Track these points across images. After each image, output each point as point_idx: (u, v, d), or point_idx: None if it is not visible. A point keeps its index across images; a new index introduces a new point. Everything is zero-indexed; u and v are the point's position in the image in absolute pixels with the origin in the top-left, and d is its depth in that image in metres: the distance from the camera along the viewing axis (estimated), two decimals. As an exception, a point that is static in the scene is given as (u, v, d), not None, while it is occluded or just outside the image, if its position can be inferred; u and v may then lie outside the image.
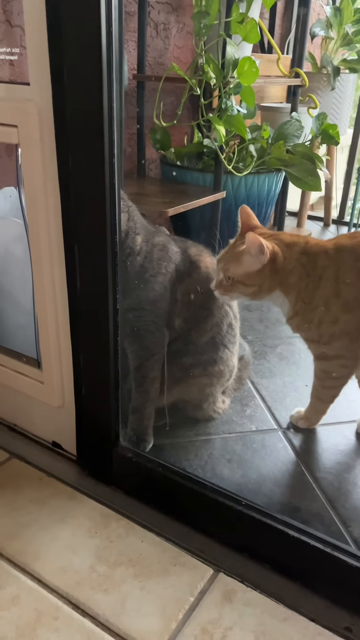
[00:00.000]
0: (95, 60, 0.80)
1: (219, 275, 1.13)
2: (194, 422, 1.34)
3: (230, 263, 1.11)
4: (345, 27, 2.26)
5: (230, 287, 1.12)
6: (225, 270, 1.11)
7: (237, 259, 1.10)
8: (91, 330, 1.01)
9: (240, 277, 1.10)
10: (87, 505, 1.05)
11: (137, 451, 1.08)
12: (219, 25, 1.56)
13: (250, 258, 1.08)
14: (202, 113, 1.68)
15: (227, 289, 1.13)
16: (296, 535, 0.89)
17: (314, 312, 1.14)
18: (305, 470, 1.21)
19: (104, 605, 0.85)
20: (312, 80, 2.25)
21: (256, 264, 1.08)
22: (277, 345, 1.74)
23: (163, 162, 2.01)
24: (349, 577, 0.86)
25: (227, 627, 0.82)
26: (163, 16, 1.98)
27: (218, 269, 1.13)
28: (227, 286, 1.13)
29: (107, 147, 0.85)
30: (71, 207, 0.93)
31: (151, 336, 1.20)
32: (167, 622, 0.83)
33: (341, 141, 2.19)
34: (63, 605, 0.85)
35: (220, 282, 1.13)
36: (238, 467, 1.21)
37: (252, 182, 1.88)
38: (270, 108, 2.29)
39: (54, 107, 0.87)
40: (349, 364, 1.22)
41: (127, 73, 1.82)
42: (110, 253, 0.92)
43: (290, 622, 0.84)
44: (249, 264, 1.09)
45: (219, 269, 1.13)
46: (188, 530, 1.01)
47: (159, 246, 1.22)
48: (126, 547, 0.95)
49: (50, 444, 1.21)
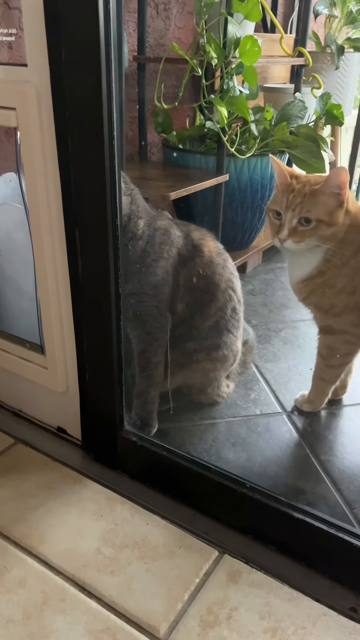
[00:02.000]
0: (93, 41, 0.78)
1: (292, 223, 1.08)
2: (199, 406, 1.35)
3: (310, 203, 1.06)
4: (349, 5, 2.22)
5: (311, 230, 1.08)
6: (306, 212, 1.06)
7: (318, 198, 1.06)
8: (93, 316, 1.01)
9: (324, 215, 1.07)
10: (92, 489, 1.05)
11: (141, 435, 1.09)
12: (219, 4, 1.53)
13: (334, 192, 1.06)
14: (204, 94, 1.66)
15: (306, 234, 1.08)
16: (300, 517, 0.89)
17: (339, 278, 1.13)
18: (309, 453, 1.21)
19: (110, 587, 0.86)
20: (316, 60, 2.21)
21: (339, 198, 1.06)
22: (282, 329, 1.73)
23: (165, 145, 1.99)
24: (354, 558, 0.86)
25: (233, 608, 0.83)
26: (163, -4, 1.94)
27: (289, 218, 1.08)
28: (306, 231, 1.08)
29: (107, 130, 0.84)
30: (71, 191, 0.92)
31: (154, 321, 1.20)
32: (173, 602, 0.83)
33: (346, 122, 2.15)
34: (69, 587, 0.86)
35: (295, 230, 1.08)
36: (243, 450, 1.22)
37: (255, 165, 1.86)
38: (274, 89, 2.25)
39: (52, 89, 0.86)
40: (355, 340, 1.21)
41: (127, 55, 1.79)
42: (112, 237, 0.92)
43: (296, 602, 0.85)
44: (332, 199, 1.06)
45: (291, 216, 1.08)
46: (193, 513, 1.01)
47: (161, 230, 1.21)
48: (131, 529, 0.96)
49: (55, 429, 1.21)
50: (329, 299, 1.17)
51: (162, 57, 1.69)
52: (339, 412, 1.35)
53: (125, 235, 1.15)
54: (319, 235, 1.08)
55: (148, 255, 1.17)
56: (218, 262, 1.27)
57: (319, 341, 1.26)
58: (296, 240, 1.09)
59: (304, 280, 1.18)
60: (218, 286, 1.26)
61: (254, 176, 1.88)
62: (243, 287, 2.03)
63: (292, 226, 1.09)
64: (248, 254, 2.06)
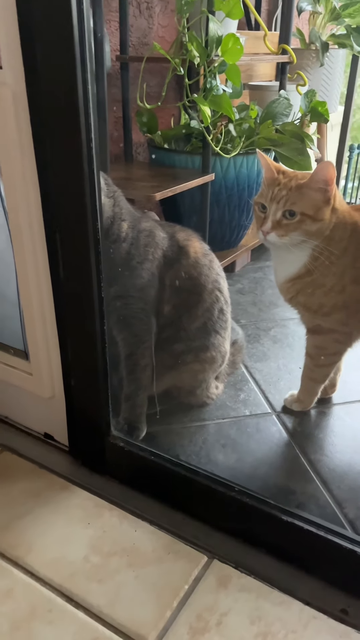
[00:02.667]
0: (68, 43, 0.77)
1: (276, 216, 1.07)
2: (188, 408, 1.34)
3: (295, 196, 1.05)
4: (332, 1, 2.21)
5: (296, 224, 1.06)
6: (291, 204, 1.05)
7: (304, 191, 1.05)
8: (76, 320, 1.00)
9: (309, 209, 1.05)
10: (80, 496, 1.04)
11: (129, 440, 1.08)
12: (200, 2, 1.51)
13: (320, 188, 1.05)
14: (187, 93, 1.64)
15: (290, 227, 1.06)
16: (289, 520, 0.89)
17: (328, 277, 1.12)
18: (299, 453, 1.20)
19: (98, 596, 0.85)
20: (301, 57, 2.20)
21: (325, 194, 1.05)
22: (271, 328, 1.73)
23: (150, 145, 1.98)
24: (343, 559, 0.86)
25: (223, 613, 0.82)
26: (146, -6, 1.93)
27: (273, 210, 1.07)
28: (290, 224, 1.06)
29: (84, 132, 0.83)
30: (51, 194, 0.91)
31: (140, 323, 1.18)
32: (162, 610, 0.82)
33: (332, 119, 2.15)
34: (57, 597, 0.84)
35: (279, 223, 1.07)
36: (233, 451, 1.21)
37: (242, 163, 1.85)
38: (258, 87, 2.24)
39: (28, 92, 0.85)
40: (343, 339, 1.21)
41: (110, 54, 1.78)
42: (93, 240, 0.90)
43: (286, 605, 0.84)
44: (318, 194, 1.05)
45: (275, 209, 1.06)
46: (182, 517, 1.00)
47: (146, 232, 1.20)
48: (120, 536, 0.95)
49: (42, 436, 1.20)
50: (318, 298, 1.16)
51: (145, 56, 1.68)
52: (329, 411, 1.35)
53: (109, 238, 1.14)
54: (303, 230, 1.07)
55: (133, 257, 1.16)
56: (204, 263, 1.26)
57: (307, 341, 1.25)
58: (280, 234, 1.07)
59: (291, 280, 1.17)
60: (205, 287, 1.25)
61: (241, 175, 1.87)
62: (232, 286, 2.03)
63: (276, 219, 1.07)
64: (237, 253, 2.05)
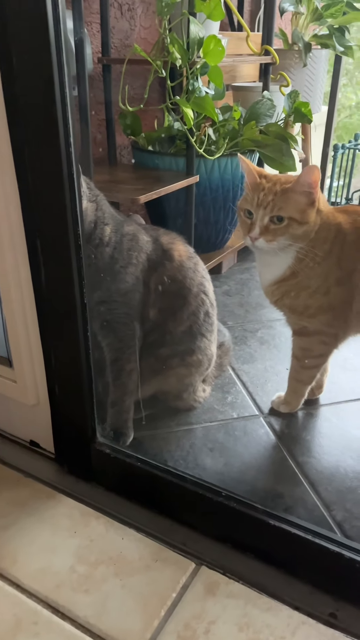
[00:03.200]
0: (43, 46, 0.76)
1: (263, 221, 1.07)
2: (175, 412, 1.33)
3: (282, 201, 1.05)
4: (314, 1, 2.21)
5: (283, 229, 1.06)
6: (278, 210, 1.05)
7: (290, 196, 1.05)
8: (59, 327, 0.99)
9: (296, 213, 1.06)
10: (66, 504, 1.03)
11: (115, 447, 1.06)
12: (181, 4, 1.51)
13: (305, 191, 1.05)
14: (170, 95, 1.64)
15: (278, 232, 1.07)
16: (277, 524, 0.88)
17: (313, 278, 1.12)
18: (287, 455, 1.20)
19: (84, 607, 0.83)
20: (284, 58, 2.20)
21: (310, 197, 1.06)
22: (258, 329, 1.73)
23: (134, 147, 1.97)
24: (331, 562, 0.85)
25: (210, 621, 0.82)
26: (127, -4, 1.92)
27: (260, 216, 1.07)
28: (278, 229, 1.07)
29: (63, 137, 0.81)
30: (31, 201, 0.90)
31: (125, 328, 1.17)
32: (149, 619, 0.82)
33: (316, 119, 2.15)
34: (43, 609, 0.83)
35: (267, 228, 1.07)
36: (220, 455, 1.20)
37: (226, 165, 1.85)
38: (242, 88, 2.24)
39: (4, 97, 0.83)
40: (329, 340, 1.21)
41: (91, 56, 1.76)
42: (74, 246, 0.89)
43: (274, 611, 0.84)
44: (303, 197, 1.06)
45: (263, 214, 1.07)
46: (170, 523, 0.99)
47: (129, 236, 1.19)
48: (107, 545, 0.94)
49: (27, 443, 1.19)
50: (303, 300, 1.16)
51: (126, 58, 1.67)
52: (316, 412, 1.34)
53: (91, 243, 1.12)
54: (290, 234, 1.07)
55: (116, 262, 1.15)
56: (189, 266, 1.26)
57: (293, 343, 1.25)
58: (268, 239, 1.08)
59: (276, 282, 1.17)
60: (190, 290, 1.25)
61: (225, 176, 1.87)
62: (219, 287, 2.02)
63: (263, 224, 1.07)
64: (223, 254, 2.05)
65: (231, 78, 2.34)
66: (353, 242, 1.12)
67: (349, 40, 2.29)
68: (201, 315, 1.27)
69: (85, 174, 1.14)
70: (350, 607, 0.84)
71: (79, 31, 1.46)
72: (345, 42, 2.26)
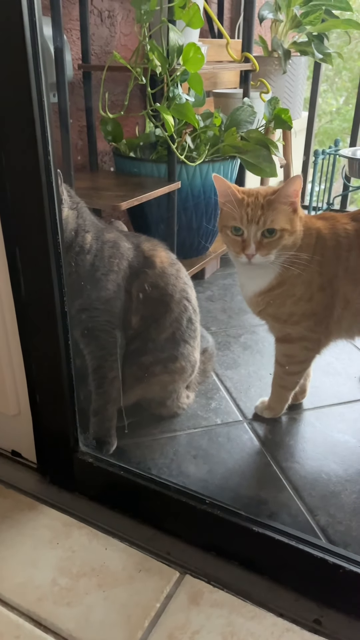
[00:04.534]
0: (18, 49, 0.75)
1: (257, 237, 1.07)
2: (159, 419, 1.32)
3: (272, 214, 1.05)
4: (293, 9, 2.24)
5: (276, 241, 1.07)
6: (271, 223, 1.05)
7: (277, 207, 1.06)
8: (40, 336, 0.98)
9: (286, 223, 1.07)
10: (48, 515, 1.01)
11: (98, 456, 1.06)
12: (160, 11, 1.51)
13: (289, 200, 1.06)
14: (150, 102, 1.64)
15: (272, 245, 1.07)
16: (261, 531, 0.88)
17: (297, 286, 1.13)
18: (271, 461, 1.20)
19: (67, 620, 0.82)
20: (263, 64, 2.22)
21: (293, 205, 1.07)
22: (241, 334, 1.73)
23: (116, 154, 1.96)
24: (315, 569, 0.85)
25: (195, 631, 0.81)
26: (107, 3, 1.92)
27: (253, 232, 1.06)
28: (271, 242, 1.07)
29: (41, 144, 0.81)
30: (9, 209, 0.89)
31: (107, 336, 1.17)
32: (133, 631, 0.81)
33: (296, 125, 2.17)
34: (24, 622, 0.82)
35: (260, 243, 1.07)
36: (204, 462, 1.20)
37: (207, 171, 1.85)
38: (223, 94, 2.25)
39: (-19, 104, 0.83)
40: (312, 346, 1.21)
41: (71, 63, 1.76)
42: (53, 255, 0.89)
43: (259, 619, 0.83)
44: (287, 207, 1.07)
45: (255, 230, 1.06)
46: (154, 532, 0.99)
47: (110, 243, 1.18)
48: (89, 556, 0.93)
49: (9, 453, 1.17)
50: (288, 308, 1.16)
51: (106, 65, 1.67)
52: (299, 416, 1.35)
53: (72, 250, 1.12)
54: (283, 245, 1.08)
55: (97, 269, 1.15)
56: (171, 272, 1.25)
57: (277, 350, 1.25)
58: (264, 254, 1.07)
59: (262, 293, 1.17)
60: (172, 297, 1.24)
61: (207, 182, 1.87)
62: (202, 293, 2.03)
63: (257, 240, 1.07)
64: (206, 260, 2.05)
65: (212, 85, 2.35)
66: (333, 248, 1.13)
67: (328, 47, 2.31)
68: (184, 322, 1.27)
69: (66, 181, 1.13)
70: (334, 613, 0.85)
71: (58, 38, 1.45)
72: (324, 49, 2.29)
